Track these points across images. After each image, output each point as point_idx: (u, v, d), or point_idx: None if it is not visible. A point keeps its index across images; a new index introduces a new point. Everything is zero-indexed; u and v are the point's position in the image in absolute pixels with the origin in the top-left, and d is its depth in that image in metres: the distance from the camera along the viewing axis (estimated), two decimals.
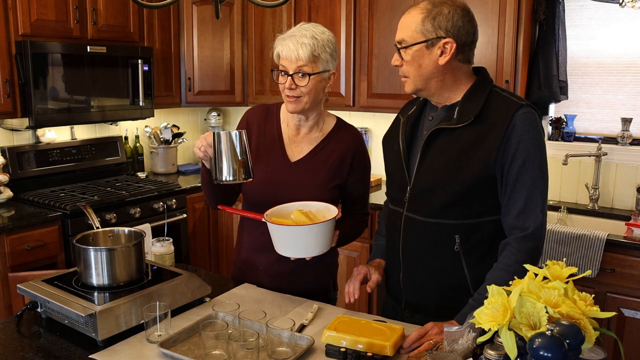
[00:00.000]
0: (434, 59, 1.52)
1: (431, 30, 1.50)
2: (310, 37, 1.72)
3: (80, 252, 1.59)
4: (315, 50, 1.71)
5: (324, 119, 1.88)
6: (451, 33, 1.50)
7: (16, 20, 2.92)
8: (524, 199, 1.48)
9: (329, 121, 1.89)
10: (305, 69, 1.72)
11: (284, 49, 1.73)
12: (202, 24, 3.86)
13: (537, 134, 1.49)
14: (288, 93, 1.75)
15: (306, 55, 1.71)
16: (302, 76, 1.72)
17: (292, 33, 1.75)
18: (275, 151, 1.86)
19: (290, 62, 1.73)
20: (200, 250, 3.75)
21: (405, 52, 1.53)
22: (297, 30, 1.75)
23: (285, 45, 1.73)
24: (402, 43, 1.54)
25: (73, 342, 1.49)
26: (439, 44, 1.51)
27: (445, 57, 1.52)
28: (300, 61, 1.71)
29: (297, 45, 1.71)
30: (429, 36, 1.50)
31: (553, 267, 1.11)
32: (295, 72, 1.72)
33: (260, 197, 1.83)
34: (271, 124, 1.90)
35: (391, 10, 3.28)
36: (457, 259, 1.56)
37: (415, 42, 1.51)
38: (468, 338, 1.26)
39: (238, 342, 1.36)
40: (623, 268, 2.53)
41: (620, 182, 3.08)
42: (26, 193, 3.18)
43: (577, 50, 3.19)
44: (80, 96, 3.23)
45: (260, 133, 1.89)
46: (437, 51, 1.51)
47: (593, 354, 1.06)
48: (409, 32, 1.52)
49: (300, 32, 1.74)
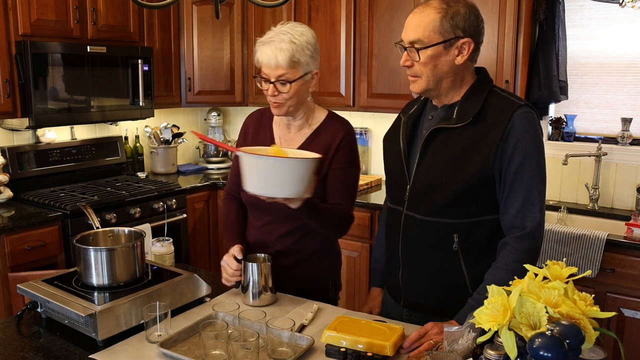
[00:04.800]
0: (451, 59, 1.52)
1: (450, 30, 1.49)
2: (289, 41, 1.69)
3: (80, 252, 1.59)
4: (294, 56, 1.69)
5: (313, 115, 1.87)
6: (469, 33, 1.51)
7: (16, 20, 2.92)
8: (522, 198, 1.48)
9: (319, 116, 1.87)
10: (287, 76, 1.70)
11: (263, 56, 1.71)
12: (202, 24, 3.86)
13: (535, 134, 1.49)
14: (271, 99, 1.75)
15: (286, 62, 1.68)
16: (283, 84, 1.71)
17: (270, 38, 1.72)
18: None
19: (271, 70, 1.71)
20: (200, 250, 3.75)
21: (421, 53, 1.51)
22: (275, 34, 1.72)
23: (264, 52, 1.71)
24: (417, 43, 1.51)
25: (73, 342, 1.49)
26: (457, 44, 1.51)
27: (463, 57, 1.52)
28: (280, 69, 1.69)
29: (276, 51, 1.68)
30: (447, 36, 1.50)
31: (553, 267, 1.11)
32: (276, 80, 1.71)
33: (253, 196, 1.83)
34: (264, 126, 1.92)
35: (391, 10, 3.28)
36: (456, 257, 1.56)
37: (434, 43, 1.50)
38: (468, 338, 1.26)
39: (238, 342, 1.36)
40: (623, 268, 2.53)
41: (620, 182, 3.08)
42: (26, 193, 3.18)
43: (577, 50, 3.19)
44: (80, 96, 3.23)
45: (255, 136, 1.92)
46: (455, 51, 1.51)
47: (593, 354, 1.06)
48: (426, 32, 1.50)
49: (278, 36, 1.70)
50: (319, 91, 3.57)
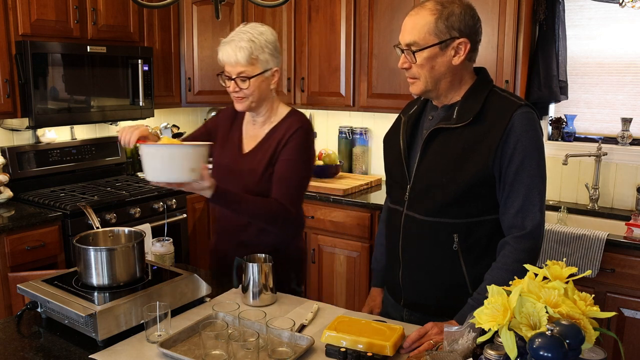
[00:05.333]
0: (447, 60, 1.52)
1: (445, 31, 1.49)
2: (248, 40, 1.81)
3: (80, 252, 1.59)
4: (253, 53, 1.82)
5: (276, 111, 1.97)
6: (465, 33, 1.50)
7: (16, 20, 2.92)
8: (522, 198, 1.48)
9: (281, 112, 1.98)
10: (246, 73, 1.83)
11: (224, 54, 1.84)
12: (202, 24, 3.86)
13: (535, 134, 1.49)
14: (234, 95, 1.89)
15: (244, 59, 1.81)
16: (243, 80, 1.84)
17: (231, 38, 1.84)
18: (233, 145, 2.01)
19: (231, 67, 1.84)
20: (200, 250, 3.75)
21: (417, 55, 1.52)
22: (236, 34, 1.84)
23: (225, 51, 1.84)
24: (413, 46, 1.52)
25: (73, 342, 1.49)
26: (453, 44, 1.51)
27: (460, 57, 1.52)
28: (239, 65, 1.82)
29: (236, 49, 1.81)
30: (442, 37, 1.50)
31: (553, 267, 1.11)
32: (237, 76, 1.84)
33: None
34: (237, 121, 2.05)
35: (391, 10, 3.28)
36: (456, 257, 1.56)
37: (430, 45, 1.50)
38: (468, 338, 1.26)
39: (238, 342, 1.36)
40: (623, 268, 2.53)
41: (620, 182, 3.08)
42: (26, 193, 3.18)
43: (577, 50, 3.19)
44: (80, 96, 3.23)
45: (227, 131, 2.05)
46: (451, 52, 1.51)
47: (593, 354, 1.06)
48: (421, 34, 1.50)
49: (238, 36, 1.83)
50: (319, 91, 3.57)
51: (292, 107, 2.01)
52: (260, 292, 1.71)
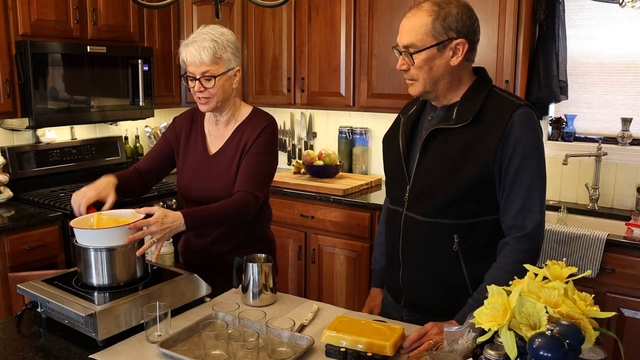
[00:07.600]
0: (445, 61, 1.52)
1: (442, 32, 1.49)
2: (210, 40, 1.84)
3: (80, 252, 1.59)
4: (216, 53, 1.84)
5: (239, 110, 2.01)
6: (462, 33, 1.50)
7: (16, 20, 2.92)
8: (522, 199, 1.48)
9: (244, 111, 2.01)
10: (211, 72, 1.85)
11: (188, 55, 1.85)
12: (202, 24, 3.81)
13: (535, 134, 1.49)
14: (199, 95, 1.89)
15: (209, 58, 1.83)
16: (208, 79, 1.85)
17: (193, 39, 1.86)
18: (198, 147, 2.02)
19: (196, 67, 1.85)
20: None
21: (415, 57, 1.51)
22: (198, 35, 1.87)
23: (189, 52, 1.85)
24: (411, 47, 1.51)
25: (73, 342, 1.49)
26: (450, 45, 1.50)
27: (458, 57, 1.51)
28: (204, 65, 1.84)
29: (199, 49, 1.83)
30: (440, 38, 1.49)
31: (553, 267, 1.11)
32: (201, 76, 1.85)
33: (186, 192, 2.01)
34: (197, 123, 2.06)
35: (391, 10, 3.28)
36: (456, 258, 1.56)
37: (427, 46, 1.50)
38: (468, 338, 1.26)
39: (238, 342, 1.36)
40: (623, 268, 2.53)
41: (620, 182, 3.08)
42: (26, 193, 3.18)
43: (577, 50, 3.19)
44: (80, 96, 3.23)
45: (188, 134, 2.05)
46: (449, 52, 1.51)
47: (593, 354, 1.06)
48: (419, 36, 1.50)
49: (200, 37, 1.85)
50: (319, 91, 3.57)
51: (254, 106, 2.05)
52: (260, 292, 1.71)
